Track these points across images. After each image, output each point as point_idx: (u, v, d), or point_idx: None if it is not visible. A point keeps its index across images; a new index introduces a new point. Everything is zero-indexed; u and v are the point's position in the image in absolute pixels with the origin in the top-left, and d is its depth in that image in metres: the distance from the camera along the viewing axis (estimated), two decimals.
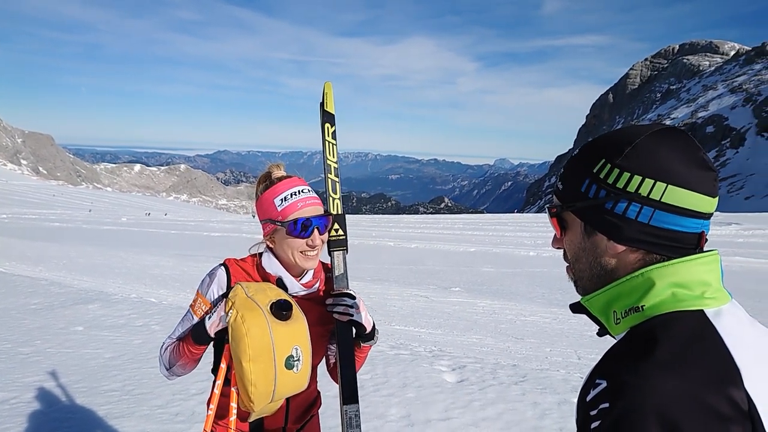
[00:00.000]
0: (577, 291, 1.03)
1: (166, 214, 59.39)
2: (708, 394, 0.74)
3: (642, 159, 0.87)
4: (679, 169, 0.85)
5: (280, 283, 1.74)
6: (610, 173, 0.89)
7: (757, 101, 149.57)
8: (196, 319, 1.72)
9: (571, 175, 0.97)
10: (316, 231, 1.70)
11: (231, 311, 1.57)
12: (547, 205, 1.04)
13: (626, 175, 0.87)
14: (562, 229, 1.01)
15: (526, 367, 5.53)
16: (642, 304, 0.86)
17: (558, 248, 1.06)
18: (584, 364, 6.05)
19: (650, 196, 0.86)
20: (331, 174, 1.92)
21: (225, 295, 1.65)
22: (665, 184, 0.85)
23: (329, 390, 2.76)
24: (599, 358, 0.88)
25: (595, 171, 0.91)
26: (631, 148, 0.88)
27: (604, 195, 0.90)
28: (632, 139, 0.89)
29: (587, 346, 6.96)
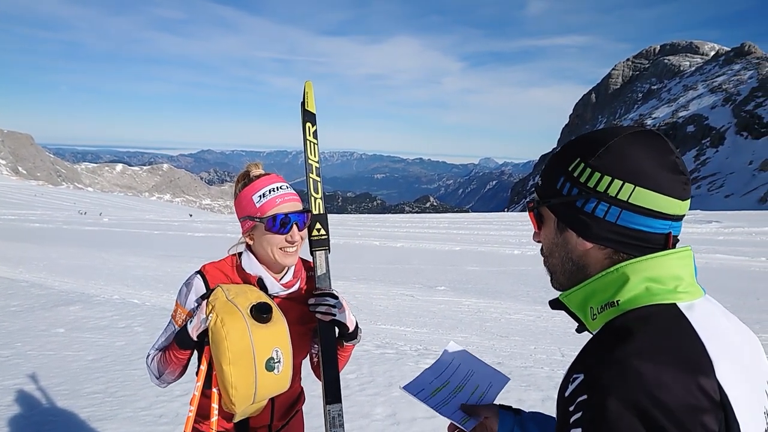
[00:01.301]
0: (552, 285, 1.06)
1: (100, 214, 58.37)
2: (682, 383, 0.76)
3: (613, 160, 0.89)
4: (648, 171, 0.88)
5: (260, 284, 1.74)
6: (583, 172, 0.92)
7: (736, 101, 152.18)
8: (177, 329, 1.72)
9: (549, 172, 1.00)
10: (294, 227, 1.71)
11: (211, 314, 1.58)
12: (526, 200, 1.07)
13: (597, 174, 0.90)
14: (538, 223, 1.04)
15: (511, 364, 5.58)
16: (617, 298, 0.88)
17: (538, 242, 1.08)
18: (568, 361, 6.11)
19: (618, 197, 0.88)
20: (312, 173, 1.92)
21: (206, 297, 1.65)
22: (633, 186, 0.87)
23: (314, 390, 2.76)
24: None
25: (570, 169, 0.94)
26: (604, 149, 0.90)
27: (576, 193, 0.93)
28: (607, 140, 0.91)
29: (571, 343, 7.03)
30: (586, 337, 0.97)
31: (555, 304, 1.03)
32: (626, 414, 0.74)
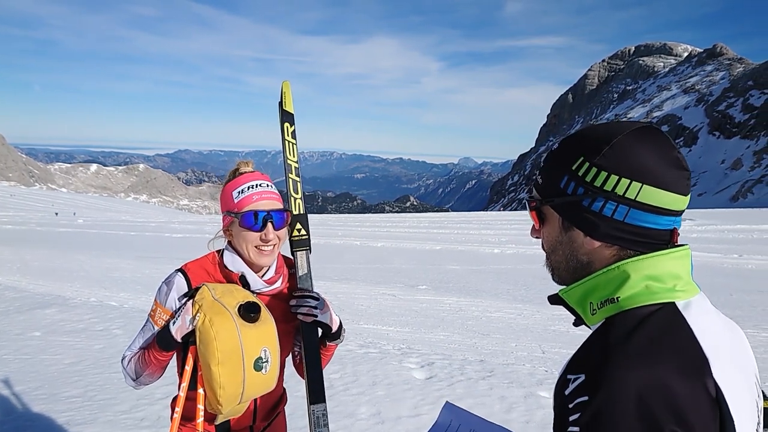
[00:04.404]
0: (554, 280, 1.06)
1: (74, 213, 57.64)
2: (683, 384, 0.78)
3: (619, 158, 0.89)
4: (653, 169, 0.88)
5: (242, 281, 1.73)
6: (588, 171, 0.92)
7: (708, 101, 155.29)
8: (156, 329, 1.69)
9: (550, 170, 0.99)
10: (269, 224, 1.68)
11: (198, 314, 1.55)
12: (526, 198, 1.06)
13: (603, 174, 0.90)
14: (540, 221, 1.03)
15: (493, 362, 5.62)
16: (617, 295, 0.89)
17: (536, 238, 1.08)
18: (548, 358, 6.19)
19: (626, 195, 0.89)
20: (291, 173, 1.92)
21: (191, 296, 1.62)
22: (640, 184, 0.88)
23: (298, 390, 2.76)
24: (564, 351, 0.91)
25: (573, 168, 0.94)
26: (608, 147, 0.90)
27: (582, 192, 0.92)
28: (610, 138, 0.91)
29: (551, 340, 7.12)
30: (568, 334, 0.99)
31: (554, 300, 1.03)
32: (627, 416, 0.75)
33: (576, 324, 1.03)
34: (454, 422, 1.36)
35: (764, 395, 0.95)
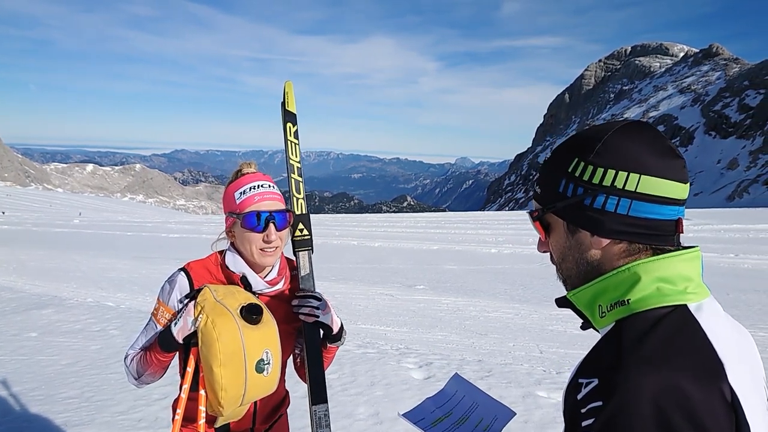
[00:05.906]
0: (567, 290, 1.04)
1: (80, 213, 57.57)
2: (698, 388, 0.76)
3: (613, 153, 0.90)
4: (649, 159, 0.88)
5: (243, 281, 1.72)
6: (584, 170, 0.91)
7: (704, 101, 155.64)
8: (159, 328, 1.68)
9: (547, 177, 0.99)
10: (271, 225, 1.67)
11: (201, 316, 1.55)
12: (528, 211, 1.05)
13: (600, 170, 0.90)
14: (546, 231, 1.02)
15: (491, 362, 5.63)
16: (628, 297, 0.88)
17: (544, 251, 1.07)
18: (546, 357, 6.20)
19: (626, 188, 0.88)
20: (294, 174, 1.90)
21: (193, 298, 1.62)
22: (638, 175, 0.88)
23: (297, 390, 2.75)
24: (562, 351, 0.90)
25: (570, 170, 0.94)
26: (601, 144, 0.91)
27: (582, 192, 0.92)
28: (601, 135, 0.92)
29: (549, 340, 7.13)
30: (565, 334, 0.98)
31: (562, 302, 1.02)
32: (642, 421, 0.74)
33: (584, 327, 1.02)
34: (459, 393, 1.42)
35: None
